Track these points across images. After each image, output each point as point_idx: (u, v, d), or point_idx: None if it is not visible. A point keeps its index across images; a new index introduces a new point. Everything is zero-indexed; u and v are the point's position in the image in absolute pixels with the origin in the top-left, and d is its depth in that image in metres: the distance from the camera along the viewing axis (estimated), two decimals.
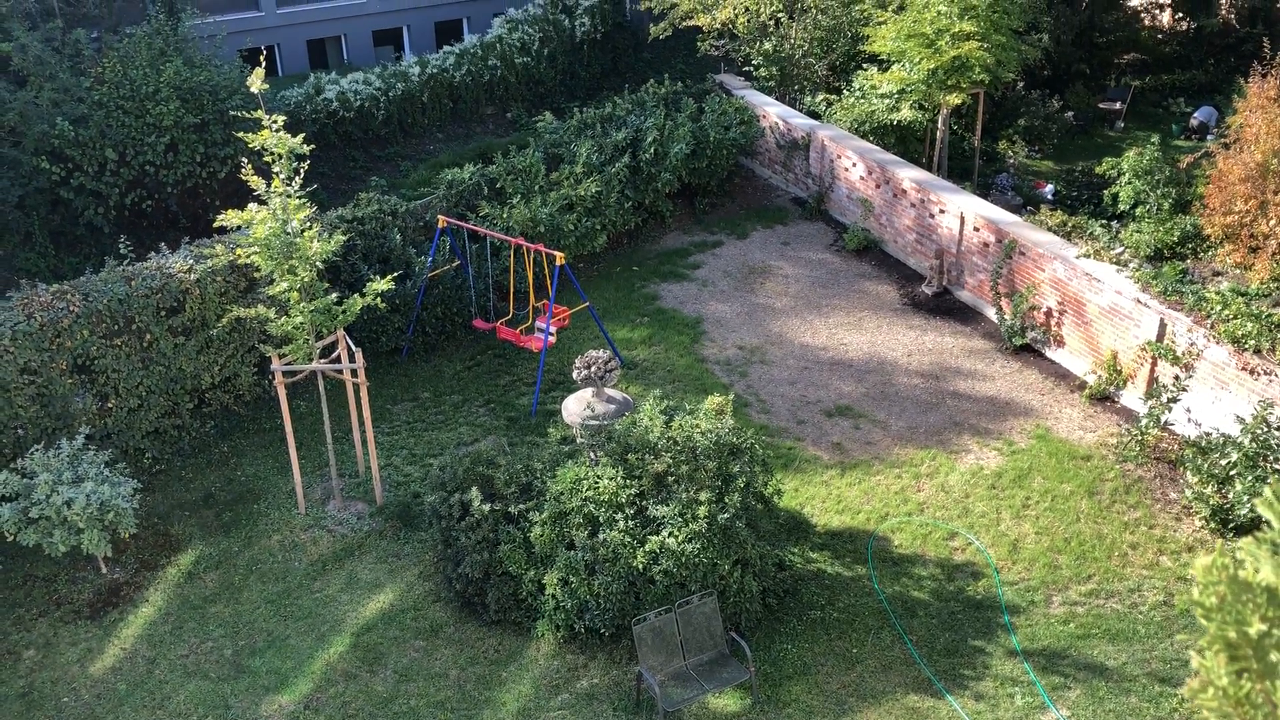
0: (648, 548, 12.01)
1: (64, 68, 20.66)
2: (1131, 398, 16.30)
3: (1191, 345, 15.04)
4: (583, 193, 20.46)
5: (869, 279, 20.52)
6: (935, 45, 20.42)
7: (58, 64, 20.59)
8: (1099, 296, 16.48)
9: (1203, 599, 2.67)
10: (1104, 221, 18.50)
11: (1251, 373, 14.30)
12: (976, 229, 18.86)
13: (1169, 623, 12.60)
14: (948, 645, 12.50)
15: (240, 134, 14.76)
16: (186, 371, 16.20)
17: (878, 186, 21.22)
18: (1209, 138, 24.47)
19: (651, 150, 21.82)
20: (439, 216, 18.27)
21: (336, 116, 24.35)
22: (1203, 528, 13.90)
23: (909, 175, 20.44)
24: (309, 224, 13.92)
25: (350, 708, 12.02)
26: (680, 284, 20.65)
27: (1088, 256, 16.91)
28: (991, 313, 18.84)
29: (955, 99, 21.19)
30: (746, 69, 26.39)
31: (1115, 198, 19.71)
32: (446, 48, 26.79)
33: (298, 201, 13.48)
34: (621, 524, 12.18)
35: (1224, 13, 29.04)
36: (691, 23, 25.28)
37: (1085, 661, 12.13)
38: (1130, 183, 19.17)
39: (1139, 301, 15.78)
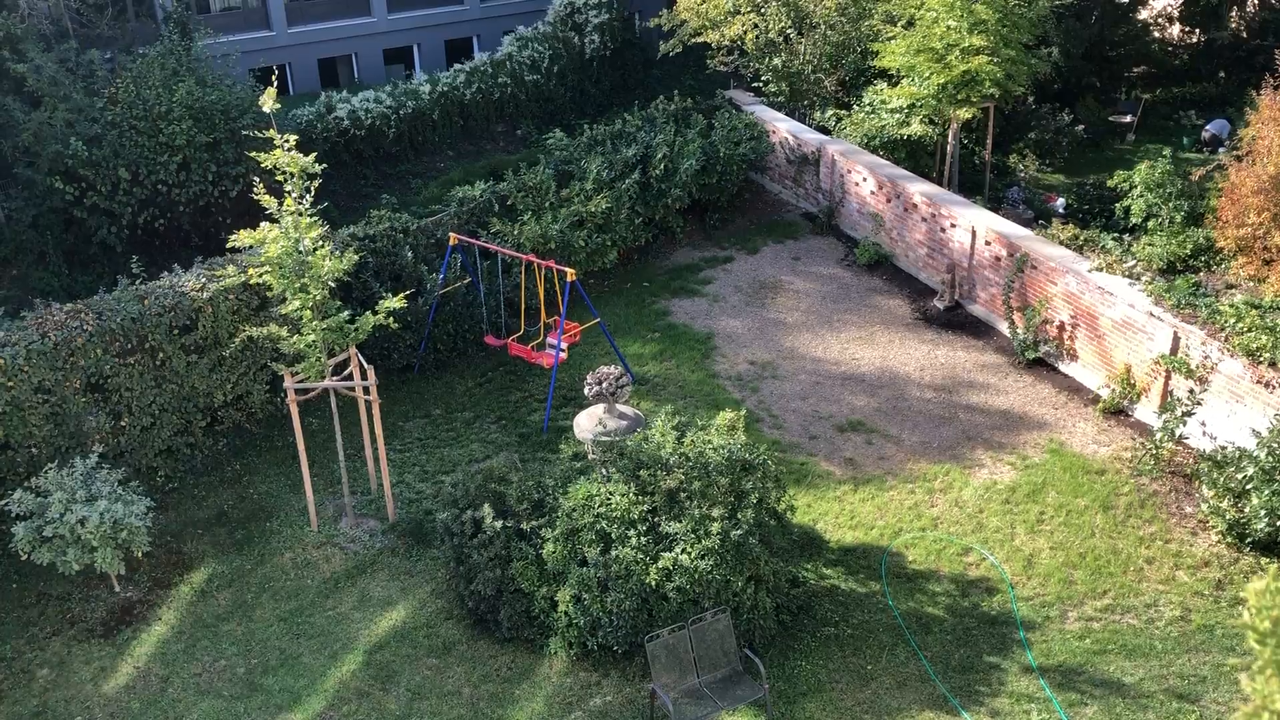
0: (660, 564, 11.98)
1: (78, 88, 20.81)
2: (1146, 411, 16.22)
3: (1206, 358, 14.97)
4: (593, 209, 20.50)
5: (880, 293, 20.50)
6: (945, 60, 20.44)
7: (72, 84, 20.74)
8: (1112, 310, 16.42)
9: (1256, 623, 2.60)
10: (1116, 235, 18.45)
11: (1267, 385, 14.22)
12: (988, 243, 18.82)
13: (1186, 638, 12.50)
14: (963, 662, 12.43)
15: (252, 153, 14.83)
16: (199, 390, 16.25)
17: (888, 201, 21.21)
18: (1221, 150, 24.41)
19: (662, 166, 21.86)
20: (450, 234, 18.32)
21: (348, 135, 24.47)
22: (1219, 542, 13.81)
23: (920, 189, 20.43)
24: (321, 242, 13.97)
25: None
26: (691, 299, 20.65)
27: (1100, 270, 16.86)
28: (1004, 327, 18.79)
29: (965, 113, 21.19)
30: (756, 85, 26.45)
31: (1127, 211, 19.66)
32: (457, 66, 26.92)
33: (309, 220, 13.53)
34: (634, 540, 12.15)
35: (1234, 25, 28.98)
36: (701, 39, 25.36)
37: (1101, 678, 12.03)
38: (1142, 196, 19.13)
39: (1152, 315, 15.72)
